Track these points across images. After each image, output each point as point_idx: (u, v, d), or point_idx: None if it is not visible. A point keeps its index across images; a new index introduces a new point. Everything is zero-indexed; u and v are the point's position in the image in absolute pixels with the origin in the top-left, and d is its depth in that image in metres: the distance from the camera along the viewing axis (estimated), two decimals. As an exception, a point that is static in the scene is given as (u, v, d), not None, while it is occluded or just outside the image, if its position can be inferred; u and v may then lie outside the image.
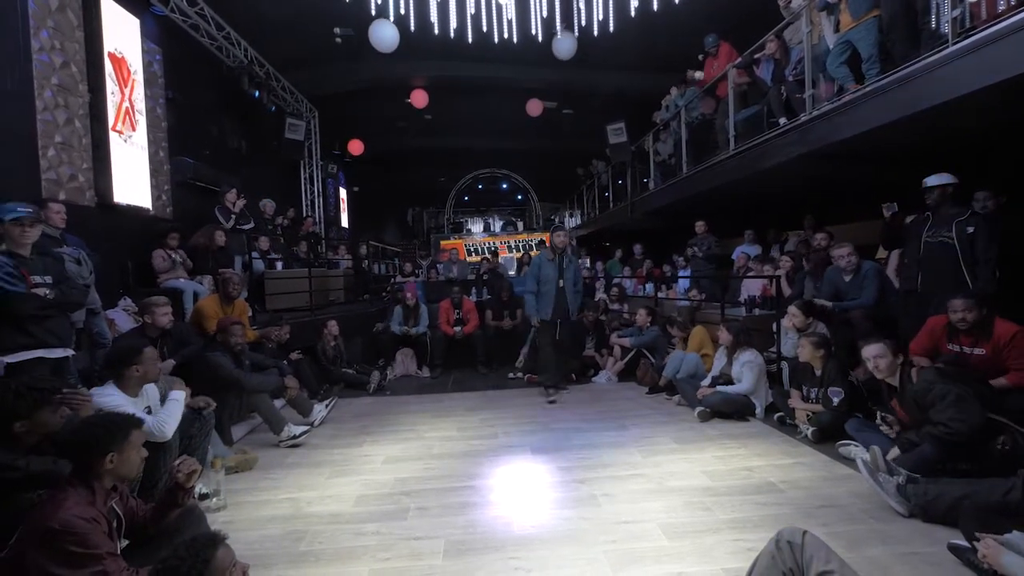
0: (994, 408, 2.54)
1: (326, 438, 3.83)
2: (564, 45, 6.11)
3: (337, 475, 3.13)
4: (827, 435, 3.31)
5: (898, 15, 3.83)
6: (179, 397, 2.67)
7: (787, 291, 5.11)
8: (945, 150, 4.30)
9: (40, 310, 2.71)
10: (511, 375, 5.87)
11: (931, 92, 3.30)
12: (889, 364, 2.80)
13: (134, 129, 5.36)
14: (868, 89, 3.82)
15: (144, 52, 5.59)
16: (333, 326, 5.63)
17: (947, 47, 3.21)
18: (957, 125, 3.72)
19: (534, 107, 9.72)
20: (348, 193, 13.72)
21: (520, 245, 14.38)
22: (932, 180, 3.58)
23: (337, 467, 3.26)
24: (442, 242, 13.84)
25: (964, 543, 1.97)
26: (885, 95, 3.66)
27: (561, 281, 4.82)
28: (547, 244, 10.07)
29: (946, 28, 3.33)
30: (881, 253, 5.07)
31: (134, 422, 1.80)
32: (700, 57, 6.89)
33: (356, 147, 11.91)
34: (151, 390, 2.68)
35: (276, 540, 2.36)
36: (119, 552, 1.67)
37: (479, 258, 11.51)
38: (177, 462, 1.94)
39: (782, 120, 5.00)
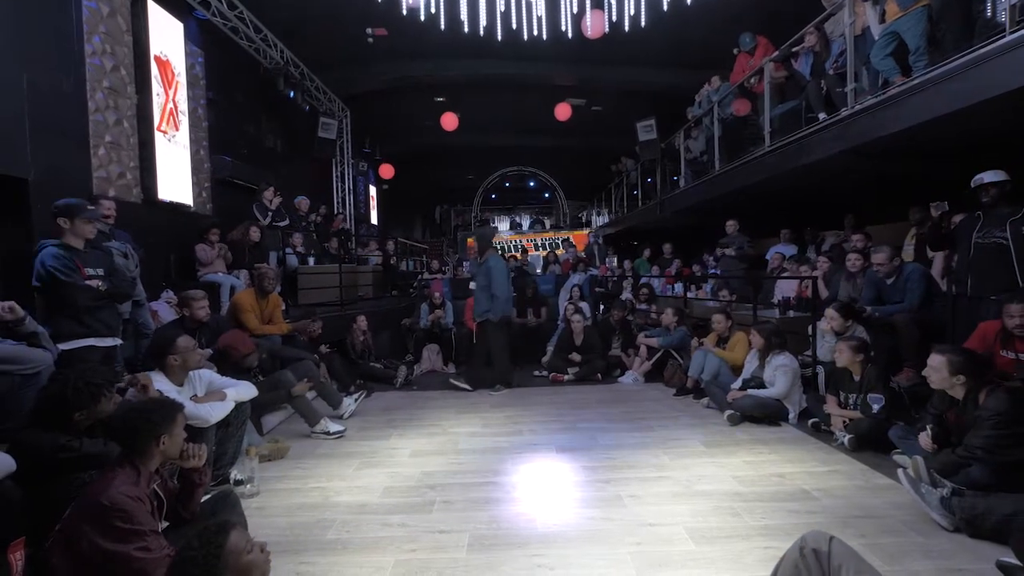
0: None
1: (355, 430, 3.91)
2: (594, 22, 5.89)
3: (365, 466, 3.19)
4: (865, 443, 3.17)
5: (950, 3, 3.64)
6: (232, 399, 2.81)
7: (824, 293, 4.93)
8: (995, 147, 4.06)
9: (93, 301, 2.87)
10: (536, 373, 5.87)
11: (985, 85, 3.12)
12: (941, 380, 2.57)
13: (177, 129, 5.59)
14: (915, 82, 3.64)
15: (187, 55, 5.81)
16: (362, 321, 5.75)
17: (1004, 36, 3.03)
18: (1011, 121, 3.51)
19: (563, 111, 9.65)
20: (378, 191, 13.96)
21: (547, 243, 14.34)
22: (989, 176, 3.37)
23: (365, 459, 3.33)
24: (468, 240, 13.93)
25: (1015, 561, 1.85)
26: (934, 88, 3.48)
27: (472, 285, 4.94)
28: (572, 242, 10.04)
29: (1003, 16, 3.14)
30: (907, 255, 4.82)
31: (177, 406, 1.93)
32: (735, 51, 6.71)
33: (387, 171, 12.24)
34: (198, 380, 2.80)
35: (306, 527, 2.43)
36: (160, 531, 1.75)
37: (507, 256, 11.53)
38: (186, 447, 1.97)
39: (822, 115, 4.82)
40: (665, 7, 5.58)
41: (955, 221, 3.81)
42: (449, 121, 9.84)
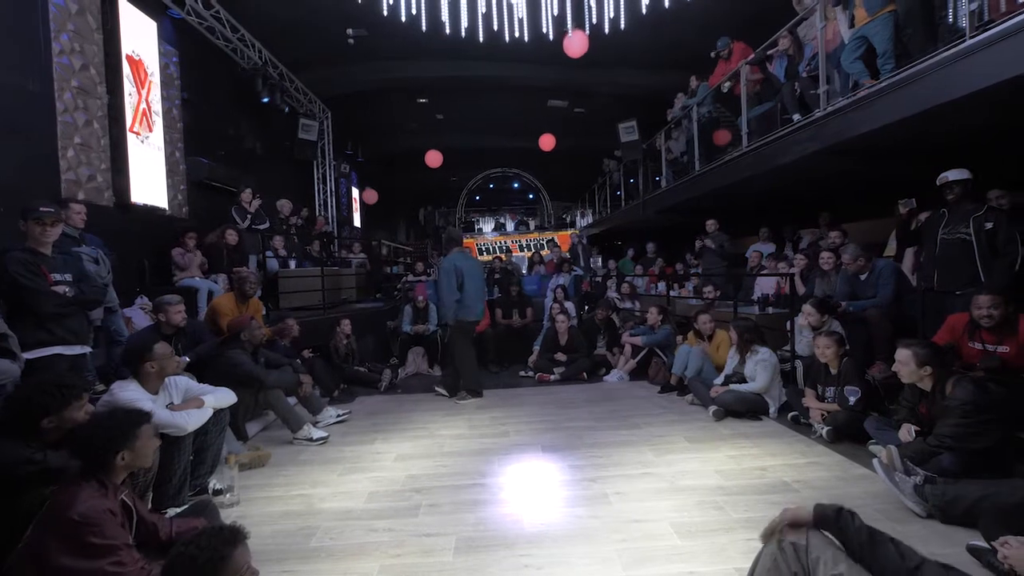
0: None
1: (339, 435, 3.86)
2: (576, 43, 5.98)
3: (349, 472, 3.15)
4: (842, 435, 3.26)
5: (914, 9, 3.77)
6: (211, 406, 2.75)
7: (801, 289, 5.04)
8: (959, 147, 4.21)
9: (60, 308, 2.76)
10: (522, 373, 5.88)
11: (947, 87, 3.24)
12: (910, 373, 2.69)
13: (151, 130, 5.46)
14: (883, 84, 3.76)
15: (161, 54, 5.68)
16: (346, 324, 5.67)
17: (964, 41, 3.15)
18: (973, 121, 3.65)
19: (547, 142, 9.77)
20: (360, 193, 13.83)
21: (531, 244, 14.38)
22: (953, 175, 3.49)
23: (349, 464, 3.28)
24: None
25: (984, 544, 1.93)
26: (900, 90, 3.60)
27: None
28: (556, 242, 10.07)
29: (964, 22, 3.27)
30: (889, 250, 4.98)
31: (143, 417, 1.84)
32: (712, 54, 6.83)
33: (371, 196, 12.23)
34: (174, 387, 2.72)
35: (289, 535, 2.39)
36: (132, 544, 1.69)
37: (491, 257, 11.53)
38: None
39: (796, 116, 4.94)
40: (644, 11, 5.66)
41: (920, 219, 3.94)
42: (433, 159, 9.90)
